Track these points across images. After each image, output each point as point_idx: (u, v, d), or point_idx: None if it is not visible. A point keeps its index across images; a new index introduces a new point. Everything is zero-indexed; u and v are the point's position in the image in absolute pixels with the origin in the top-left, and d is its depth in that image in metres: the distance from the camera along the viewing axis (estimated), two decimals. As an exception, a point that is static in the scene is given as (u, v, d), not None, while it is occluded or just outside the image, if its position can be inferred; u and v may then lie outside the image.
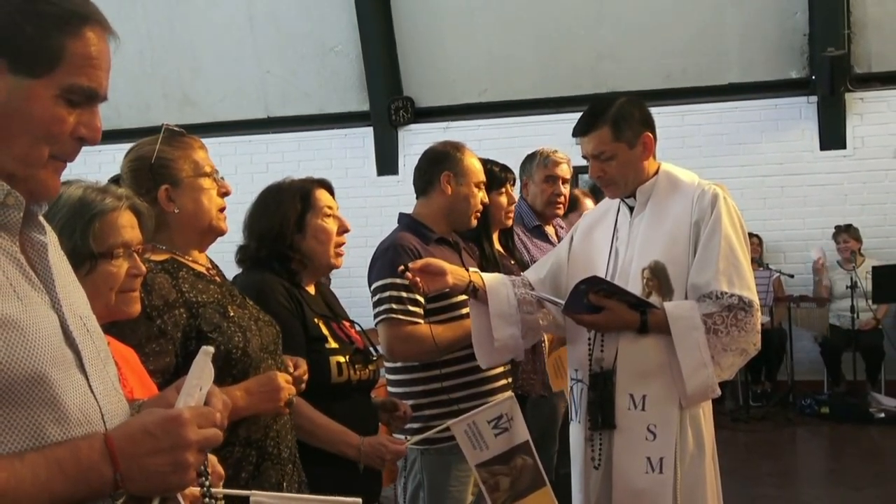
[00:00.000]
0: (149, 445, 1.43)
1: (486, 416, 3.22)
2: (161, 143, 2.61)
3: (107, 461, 1.41)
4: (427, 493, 3.67)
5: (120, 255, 2.09)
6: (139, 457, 1.42)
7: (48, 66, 1.44)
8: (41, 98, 1.44)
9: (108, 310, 2.07)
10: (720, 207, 3.32)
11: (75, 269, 1.93)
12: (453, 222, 3.87)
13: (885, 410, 8.87)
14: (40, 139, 1.46)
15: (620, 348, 3.34)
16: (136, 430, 1.45)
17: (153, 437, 1.43)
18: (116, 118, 10.60)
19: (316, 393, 3.03)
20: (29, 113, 1.44)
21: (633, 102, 3.47)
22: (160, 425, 1.45)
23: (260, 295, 3.03)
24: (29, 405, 1.39)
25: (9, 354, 1.37)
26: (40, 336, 1.43)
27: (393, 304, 3.59)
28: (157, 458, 1.43)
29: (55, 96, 1.45)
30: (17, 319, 1.40)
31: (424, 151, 3.96)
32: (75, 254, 1.99)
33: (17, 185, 1.46)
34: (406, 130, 11.12)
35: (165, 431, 1.44)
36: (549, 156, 4.94)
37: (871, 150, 10.01)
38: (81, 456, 1.39)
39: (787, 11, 9.90)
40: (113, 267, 2.08)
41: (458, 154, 3.84)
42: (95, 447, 1.41)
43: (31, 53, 1.43)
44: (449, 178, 3.80)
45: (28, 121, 1.44)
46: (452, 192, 3.80)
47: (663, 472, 3.27)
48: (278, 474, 2.66)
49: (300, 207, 3.20)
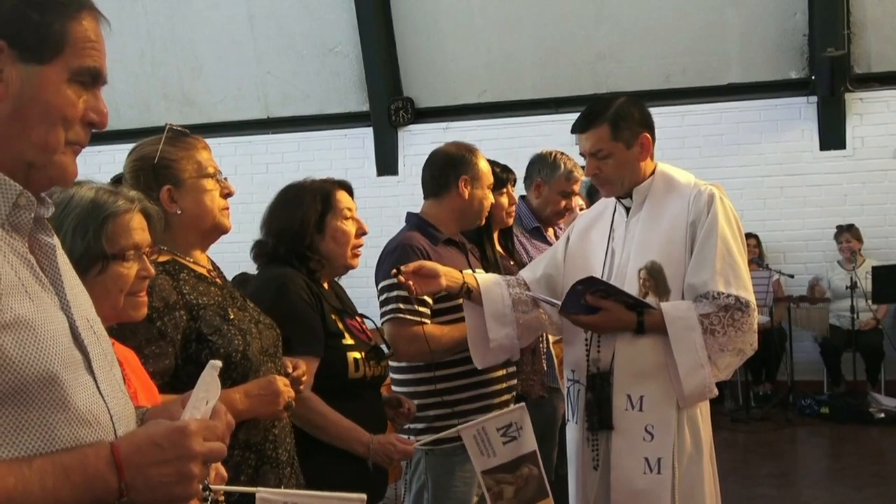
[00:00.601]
0: (155, 456, 1.44)
1: (496, 423, 3.23)
2: (164, 144, 2.61)
3: (112, 470, 1.41)
4: (431, 493, 3.67)
5: (131, 258, 2.10)
6: (145, 466, 1.43)
7: (55, 50, 1.47)
8: (53, 83, 1.48)
9: (115, 312, 2.07)
10: (716, 208, 3.33)
11: (87, 270, 1.97)
12: (464, 224, 3.90)
13: (885, 411, 8.86)
14: (57, 124, 1.48)
15: (617, 349, 3.35)
16: (142, 441, 1.45)
17: (159, 447, 1.44)
18: (116, 118, 10.56)
19: (332, 389, 3.06)
20: (44, 99, 1.47)
21: (634, 103, 3.48)
22: (166, 436, 1.45)
23: (282, 289, 3.07)
24: (40, 405, 1.40)
25: (22, 354, 1.38)
26: (51, 337, 1.44)
27: (401, 303, 3.60)
28: (163, 468, 1.43)
29: (66, 80, 1.49)
30: (29, 320, 1.41)
31: (434, 153, 3.95)
32: (88, 254, 2.01)
33: (37, 173, 1.49)
34: (406, 131, 11.11)
35: (171, 442, 1.45)
36: (573, 171, 4.85)
37: (871, 151, 10.00)
38: (88, 464, 1.40)
39: (786, 12, 9.90)
40: (124, 268, 2.08)
41: (473, 158, 3.85)
42: (102, 455, 1.42)
43: (38, 40, 1.46)
44: (466, 181, 3.81)
45: (44, 107, 1.47)
46: (469, 195, 3.82)
47: (661, 473, 3.28)
48: (277, 477, 2.66)
49: (321, 209, 3.22)
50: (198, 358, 2.52)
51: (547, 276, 3.63)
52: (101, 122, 1.54)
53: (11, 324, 1.38)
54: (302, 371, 2.77)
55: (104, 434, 1.49)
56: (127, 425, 1.59)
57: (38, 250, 1.53)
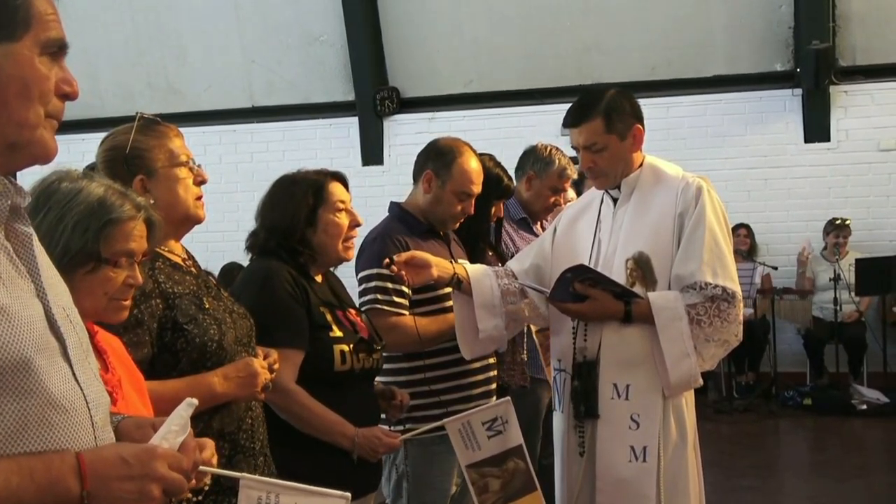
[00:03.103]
0: (120, 470, 1.46)
1: (481, 417, 3.22)
2: (136, 133, 2.58)
3: (76, 477, 1.43)
4: (411, 483, 3.67)
5: (123, 265, 2.09)
6: (109, 479, 1.45)
7: (25, 26, 1.47)
8: (27, 58, 1.48)
9: (95, 312, 2.06)
10: (704, 199, 3.34)
11: (77, 266, 1.96)
12: (431, 220, 3.82)
13: (867, 402, 8.91)
14: (35, 100, 1.49)
15: (604, 338, 3.35)
16: (109, 454, 1.48)
17: (125, 463, 1.47)
18: (100, 106, 10.56)
19: (319, 381, 3.05)
20: (20, 76, 1.47)
21: (624, 94, 3.49)
22: (134, 454, 1.49)
23: (266, 282, 3.06)
24: (14, 391, 1.40)
25: None
26: (25, 322, 1.44)
27: (378, 294, 3.59)
28: (126, 484, 1.46)
29: (37, 55, 1.49)
30: (4, 305, 1.41)
31: (431, 141, 3.91)
32: (82, 252, 2.00)
33: (19, 152, 1.50)
34: (391, 121, 11.10)
35: (138, 460, 1.48)
36: (567, 168, 4.81)
37: (855, 144, 10.04)
38: (53, 468, 1.41)
39: (772, 4, 9.92)
40: (113, 273, 2.07)
41: (452, 157, 3.73)
42: (67, 462, 1.43)
43: (8, 18, 1.46)
44: (430, 177, 3.74)
45: (21, 84, 1.47)
46: (429, 192, 3.75)
47: (647, 461, 3.29)
48: (250, 466, 2.65)
49: (312, 202, 3.19)
50: (173, 346, 2.51)
51: (535, 267, 3.64)
52: (73, 92, 1.54)
53: None
54: (274, 359, 2.76)
55: (80, 420, 1.50)
56: (103, 413, 1.60)
57: (14, 238, 1.53)
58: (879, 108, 10.01)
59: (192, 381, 2.49)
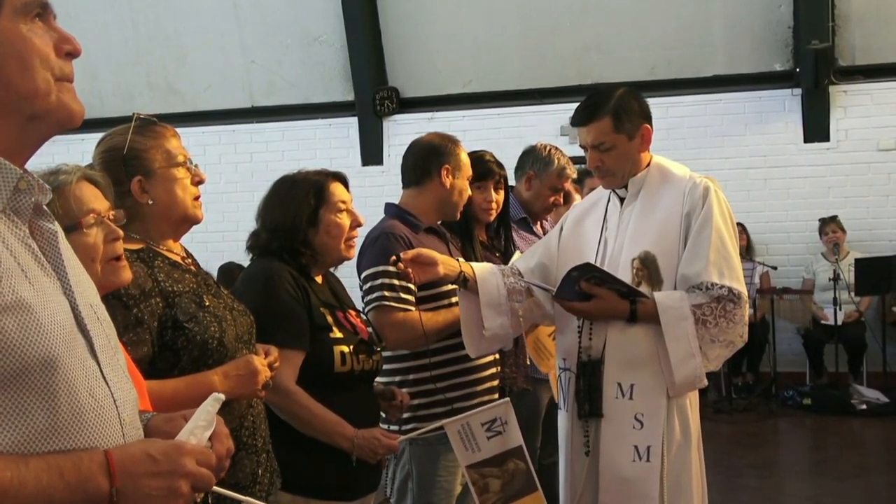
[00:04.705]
0: (148, 467, 1.46)
1: (480, 418, 3.22)
2: (133, 133, 2.58)
3: (105, 474, 1.43)
4: (416, 483, 3.67)
5: (91, 224, 2.09)
6: (137, 476, 1.45)
7: None
8: (12, 29, 1.45)
9: (98, 282, 2.06)
10: (711, 200, 3.35)
11: None
12: (444, 214, 3.89)
13: (866, 402, 8.91)
14: (37, 68, 1.46)
15: (609, 337, 3.35)
16: (137, 451, 1.48)
17: (154, 459, 1.47)
18: (100, 106, 10.54)
19: (319, 382, 3.05)
20: (13, 50, 1.45)
21: (632, 94, 3.51)
22: (162, 451, 1.48)
23: (267, 283, 3.07)
24: (42, 390, 1.40)
25: (23, 337, 1.38)
26: (53, 320, 1.44)
27: (385, 291, 3.60)
28: (154, 480, 1.46)
29: (22, 22, 1.46)
30: (30, 303, 1.41)
31: (415, 142, 3.94)
32: None
33: (43, 123, 1.49)
34: (391, 121, 11.09)
35: (166, 457, 1.48)
36: (566, 168, 4.84)
37: (855, 143, 10.04)
38: (82, 466, 1.41)
39: (771, 4, 9.93)
40: (86, 237, 2.07)
41: (455, 148, 3.86)
42: (96, 459, 1.43)
43: None
44: (448, 171, 3.80)
45: (17, 55, 1.45)
46: (450, 185, 3.81)
47: (650, 461, 3.29)
48: (252, 464, 2.66)
49: (314, 203, 3.20)
50: (174, 345, 2.52)
51: (541, 266, 3.64)
52: (75, 49, 1.52)
53: (12, 306, 1.38)
54: (274, 357, 2.76)
55: (108, 418, 1.50)
56: (131, 410, 1.59)
57: (39, 236, 1.53)
58: (879, 108, 10.01)
59: (193, 380, 2.50)
